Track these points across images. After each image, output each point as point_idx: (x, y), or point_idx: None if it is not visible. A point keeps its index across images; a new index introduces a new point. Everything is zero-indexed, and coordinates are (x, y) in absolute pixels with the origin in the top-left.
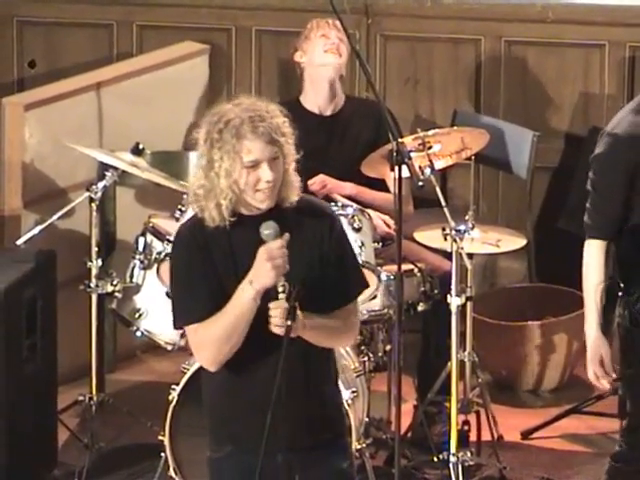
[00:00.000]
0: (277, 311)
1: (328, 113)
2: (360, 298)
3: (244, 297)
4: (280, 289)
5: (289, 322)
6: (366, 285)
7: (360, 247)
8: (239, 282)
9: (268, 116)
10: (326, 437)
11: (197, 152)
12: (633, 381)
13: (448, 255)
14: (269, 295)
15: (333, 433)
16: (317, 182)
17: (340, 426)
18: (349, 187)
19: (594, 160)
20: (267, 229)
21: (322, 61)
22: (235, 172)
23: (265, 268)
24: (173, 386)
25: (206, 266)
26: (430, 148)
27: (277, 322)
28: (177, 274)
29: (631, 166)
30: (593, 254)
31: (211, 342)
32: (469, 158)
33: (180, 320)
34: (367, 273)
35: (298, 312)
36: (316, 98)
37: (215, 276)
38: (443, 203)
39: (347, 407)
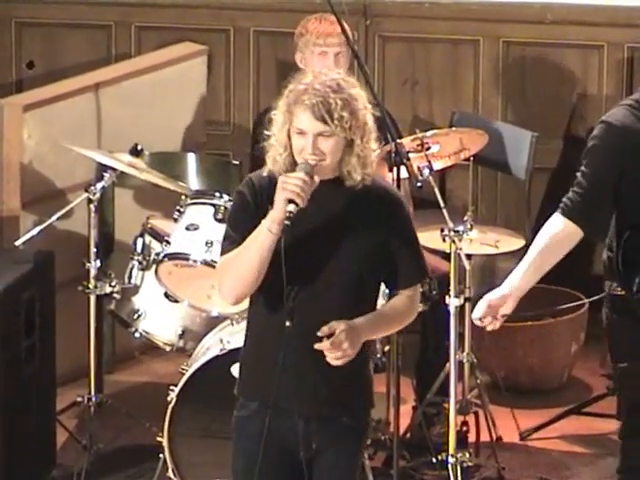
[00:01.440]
0: (327, 351)
1: None
2: None
3: (262, 227)
4: (287, 214)
5: (287, 323)
6: (426, 274)
7: None
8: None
9: (333, 95)
10: (347, 412)
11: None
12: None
13: (447, 256)
14: (318, 256)
15: (354, 409)
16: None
17: (363, 403)
18: None
19: (588, 148)
20: (301, 164)
21: None
22: (284, 131)
23: (279, 196)
24: (172, 387)
25: (253, 218)
26: (428, 149)
27: (332, 356)
28: (228, 215)
29: (620, 156)
30: (557, 226)
31: (229, 271)
32: (467, 159)
33: (220, 252)
34: None
35: (354, 323)
36: None
37: (257, 225)
38: (441, 204)
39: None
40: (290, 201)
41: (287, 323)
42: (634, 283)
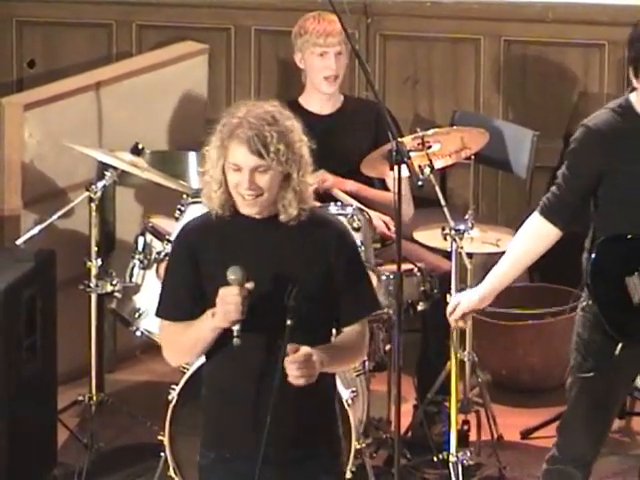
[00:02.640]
0: (292, 366)
1: (327, 112)
2: None
3: (205, 325)
4: (235, 333)
5: (289, 321)
6: (377, 307)
7: (359, 246)
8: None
9: (268, 127)
10: (316, 451)
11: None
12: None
13: (448, 255)
14: (262, 296)
15: (325, 447)
16: (317, 177)
17: (333, 439)
18: (350, 183)
19: (568, 150)
20: (232, 274)
21: (320, 87)
22: (219, 167)
23: (220, 310)
24: (173, 386)
25: (194, 269)
26: (429, 148)
27: (294, 374)
28: (168, 267)
29: (598, 160)
30: (535, 225)
31: (172, 347)
32: (469, 158)
33: (158, 312)
34: None
35: (314, 356)
36: (315, 100)
37: (199, 279)
38: (442, 203)
39: (347, 407)
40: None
41: (288, 322)
42: (600, 292)
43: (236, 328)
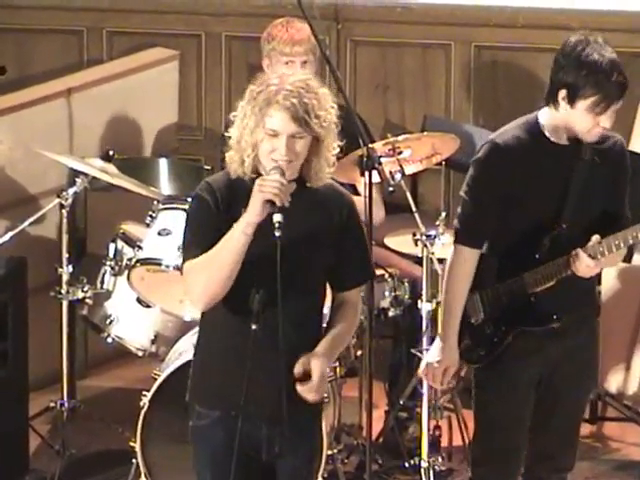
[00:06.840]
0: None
1: None
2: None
3: (236, 230)
4: (276, 225)
5: (254, 326)
6: (373, 275)
7: None
8: None
9: (307, 95)
10: (306, 412)
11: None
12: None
13: (419, 260)
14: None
15: (314, 410)
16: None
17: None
18: None
19: (473, 165)
20: (274, 168)
21: None
22: (256, 133)
23: (256, 198)
24: (144, 392)
25: (220, 218)
26: (400, 153)
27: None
28: (191, 217)
29: (504, 179)
30: (461, 262)
31: (201, 275)
32: (439, 163)
33: (185, 257)
34: None
35: (321, 353)
36: None
37: (221, 229)
38: (413, 208)
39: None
40: (273, 208)
41: (253, 326)
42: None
43: (278, 218)
